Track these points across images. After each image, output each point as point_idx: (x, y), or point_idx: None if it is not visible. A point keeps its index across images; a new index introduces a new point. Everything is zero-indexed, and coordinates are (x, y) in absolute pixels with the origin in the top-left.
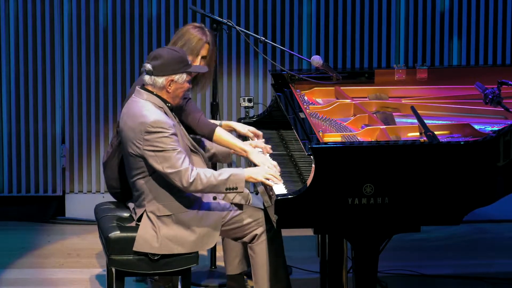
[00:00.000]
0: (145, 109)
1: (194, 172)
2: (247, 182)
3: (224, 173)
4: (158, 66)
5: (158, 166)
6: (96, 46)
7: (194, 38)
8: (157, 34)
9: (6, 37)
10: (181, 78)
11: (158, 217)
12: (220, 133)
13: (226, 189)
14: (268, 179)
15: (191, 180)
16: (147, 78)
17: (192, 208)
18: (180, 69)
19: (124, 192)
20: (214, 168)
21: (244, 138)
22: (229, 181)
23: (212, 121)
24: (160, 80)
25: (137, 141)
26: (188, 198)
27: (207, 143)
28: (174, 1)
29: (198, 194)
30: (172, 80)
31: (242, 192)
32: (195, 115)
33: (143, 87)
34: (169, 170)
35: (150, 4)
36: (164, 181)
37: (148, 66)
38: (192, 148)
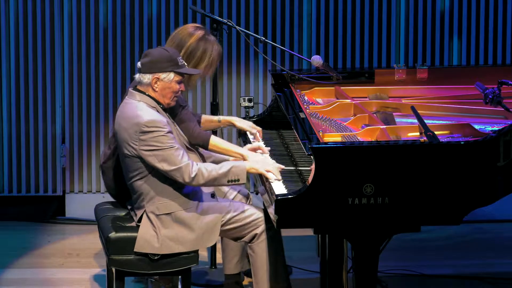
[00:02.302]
0: (138, 109)
1: (195, 167)
2: (248, 173)
3: (225, 165)
4: (146, 63)
5: (158, 165)
6: (96, 46)
7: (214, 53)
8: (157, 34)
9: (6, 37)
10: (168, 77)
11: (158, 216)
12: (215, 141)
13: (228, 181)
14: (268, 172)
15: (193, 175)
16: (136, 76)
17: (191, 206)
18: (167, 67)
19: (122, 193)
20: None
21: (244, 134)
22: (231, 173)
23: (211, 116)
24: (147, 77)
25: (133, 142)
26: (187, 196)
27: (204, 152)
28: (174, 1)
29: (198, 190)
30: (158, 78)
31: (244, 183)
32: (189, 125)
33: (135, 88)
34: (169, 168)
35: (150, 4)
36: (161, 180)
37: (139, 64)
38: (188, 146)
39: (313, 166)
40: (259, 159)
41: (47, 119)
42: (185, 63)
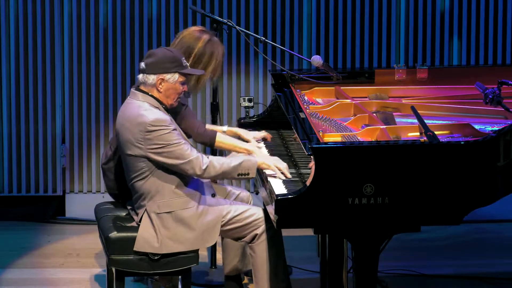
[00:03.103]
0: (142, 109)
1: (206, 160)
2: (259, 168)
3: (237, 159)
4: (150, 64)
5: (167, 161)
6: (96, 46)
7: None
8: (157, 34)
9: (6, 37)
10: (173, 77)
11: (158, 215)
12: (222, 139)
13: (238, 174)
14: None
15: (204, 167)
16: (140, 76)
17: (191, 206)
18: (172, 68)
19: (122, 194)
20: None
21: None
22: (241, 167)
23: (218, 127)
24: (151, 78)
25: (138, 142)
26: (188, 196)
27: None
28: (174, 1)
29: (199, 190)
30: (163, 79)
31: (253, 177)
32: (193, 122)
33: (138, 88)
34: (179, 162)
35: (150, 4)
36: (163, 180)
37: (142, 64)
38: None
39: (313, 166)
40: (267, 155)
41: (47, 119)
42: (188, 64)
